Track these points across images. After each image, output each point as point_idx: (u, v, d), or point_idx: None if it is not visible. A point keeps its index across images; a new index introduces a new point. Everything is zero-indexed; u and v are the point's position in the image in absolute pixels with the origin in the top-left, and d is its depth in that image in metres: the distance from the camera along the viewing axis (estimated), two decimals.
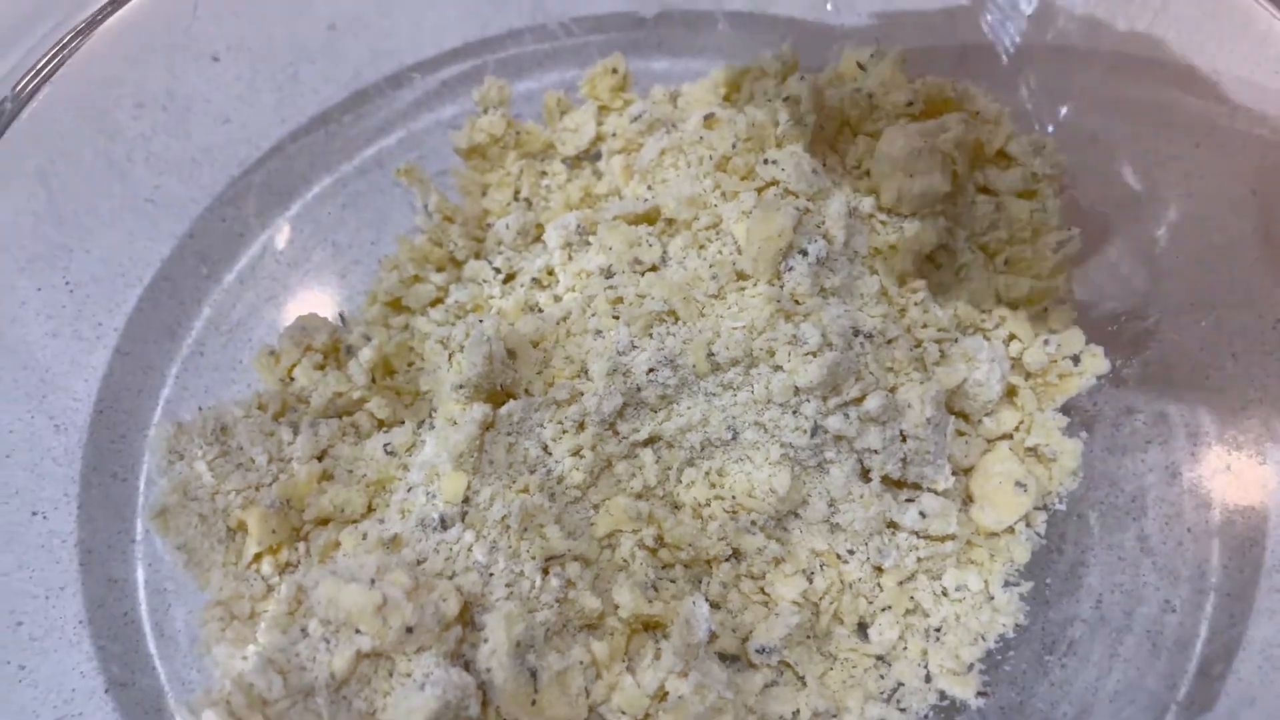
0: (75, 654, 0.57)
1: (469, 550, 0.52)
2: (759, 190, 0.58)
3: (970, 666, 0.55)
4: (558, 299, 0.63)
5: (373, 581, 0.48)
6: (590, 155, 0.73)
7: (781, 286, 0.56)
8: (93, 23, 0.65)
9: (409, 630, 0.47)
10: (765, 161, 0.58)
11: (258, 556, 0.54)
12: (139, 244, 0.75)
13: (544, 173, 0.71)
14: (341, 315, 0.68)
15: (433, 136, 0.82)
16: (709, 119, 0.65)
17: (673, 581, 0.55)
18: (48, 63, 0.63)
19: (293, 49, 0.84)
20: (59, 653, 0.57)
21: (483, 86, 0.75)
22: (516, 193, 0.69)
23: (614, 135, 0.70)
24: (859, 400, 0.55)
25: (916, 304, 0.59)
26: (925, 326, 0.59)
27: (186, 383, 0.68)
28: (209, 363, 0.70)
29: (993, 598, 0.56)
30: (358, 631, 0.47)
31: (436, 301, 0.66)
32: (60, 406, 0.66)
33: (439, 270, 0.67)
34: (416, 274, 0.66)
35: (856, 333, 0.57)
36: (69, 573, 0.59)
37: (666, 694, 0.50)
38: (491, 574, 0.52)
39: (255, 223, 0.77)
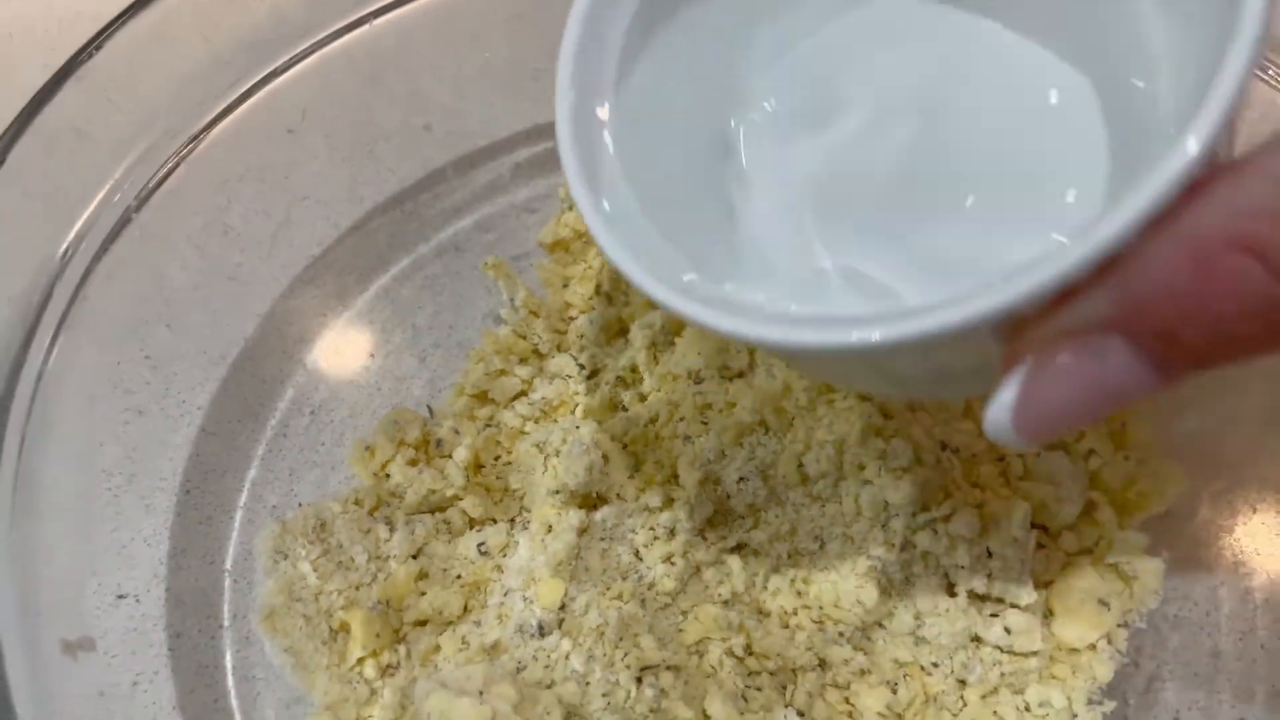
0: None
1: (567, 658, 0.53)
2: None
3: None
4: (643, 398, 0.64)
5: (481, 693, 0.49)
6: None
7: (871, 401, 0.58)
8: (210, 125, 0.67)
9: None
10: None
11: (360, 660, 0.55)
12: (221, 322, 0.76)
13: None
14: (430, 408, 0.69)
15: (508, 219, 0.84)
16: None
17: (759, 690, 0.56)
18: (167, 169, 0.65)
19: (368, 126, 0.86)
20: None
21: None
22: (598, 286, 0.71)
23: None
24: (947, 518, 0.56)
25: None
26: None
27: (271, 465, 0.70)
28: (292, 444, 0.71)
29: (1075, 715, 0.57)
30: None
31: (520, 394, 0.67)
32: (149, 486, 0.68)
33: (523, 362, 0.68)
34: (502, 368, 0.67)
35: (944, 447, 0.58)
36: (160, 658, 0.60)
37: None
38: (589, 683, 0.53)
39: (336, 303, 0.79)
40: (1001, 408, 0.33)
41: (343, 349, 0.76)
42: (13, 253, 0.54)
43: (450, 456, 0.62)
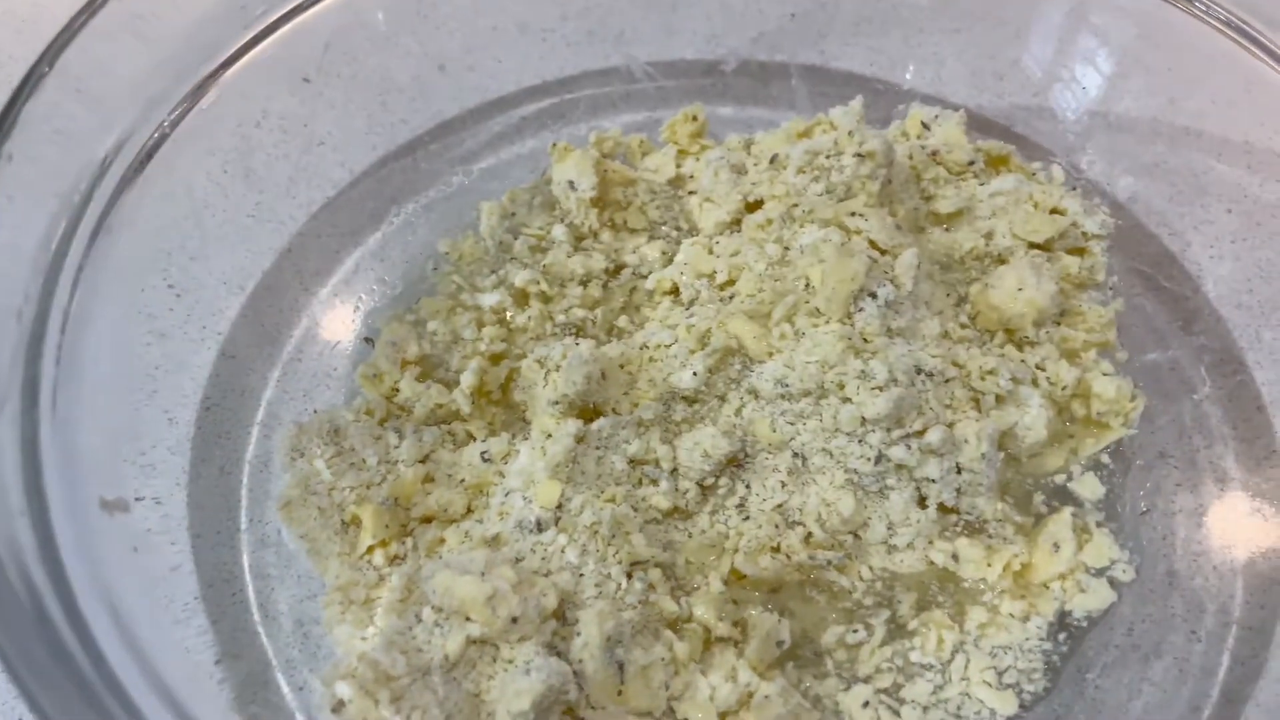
0: (185, 630, 0.62)
1: (562, 551, 0.58)
2: (843, 234, 0.64)
3: (1011, 686, 0.59)
4: (641, 325, 0.69)
5: (483, 574, 0.53)
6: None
7: (852, 326, 0.62)
8: (232, 59, 0.71)
9: (514, 620, 0.52)
10: (853, 214, 0.64)
11: (370, 549, 0.59)
12: (240, 256, 0.80)
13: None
14: (368, 339, 0.73)
15: (514, 168, 0.88)
16: (775, 160, 0.71)
17: (743, 591, 0.60)
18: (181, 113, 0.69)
19: (382, 79, 0.90)
20: (168, 629, 0.61)
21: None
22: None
23: (691, 177, 0.76)
24: (920, 433, 0.60)
25: (974, 349, 0.65)
26: (983, 375, 0.64)
27: (286, 386, 0.74)
28: (306, 369, 0.75)
29: (1030, 620, 0.61)
30: (468, 619, 0.52)
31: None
32: (171, 401, 0.71)
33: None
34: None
35: (919, 371, 0.62)
36: (183, 554, 0.64)
37: (752, 694, 0.55)
38: (582, 574, 0.57)
39: (349, 241, 0.83)
40: None
41: (355, 283, 0.80)
42: (61, 153, 0.58)
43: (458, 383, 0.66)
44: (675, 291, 0.69)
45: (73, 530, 0.49)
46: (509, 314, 0.70)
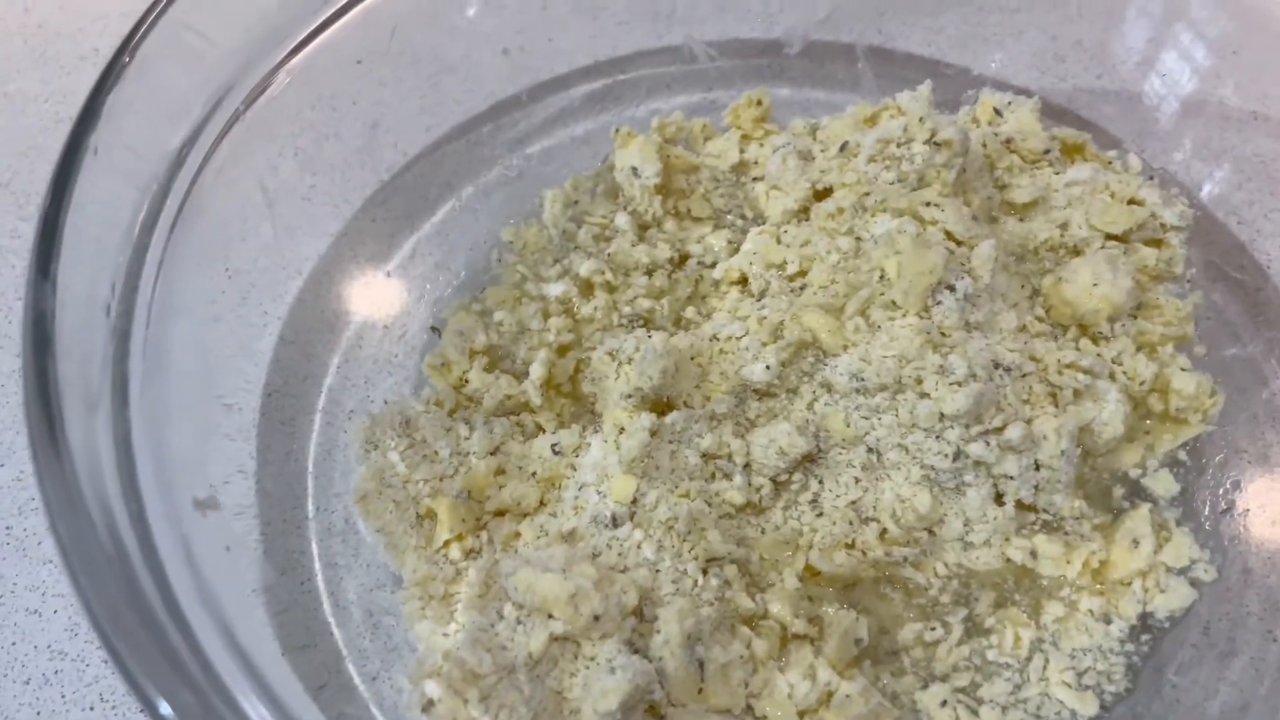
0: (258, 619, 0.62)
1: (638, 547, 0.57)
2: (919, 224, 0.62)
3: (1091, 687, 0.59)
4: (708, 315, 0.68)
5: (564, 572, 0.53)
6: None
7: (930, 319, 0.61)
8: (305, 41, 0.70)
9: (596, 618, 0.52)
10: (928, 204, 0.63)
11: (447, 543, 0.59)
12: (296, 239, 0.80)
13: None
14: (434, 328, 0.73)
15: (567, 150, 0.87)
16: (845, 148, 0.70)
17: (818, 587, 0.60)
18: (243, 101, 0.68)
19: (433, 60, 0.89)
20: (249, 617, 0.61)
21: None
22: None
23: (755, 163, 0.75)
24: (1000, 429, 0.59)
25: (1050, 342, 0.64)
26: (1061, 369, 0.63)
27: (348, 373, 0.73)
28: (367, 355, 0.74)
29: (1111, 621, 0.60)
30: (550, 616, 0.52)
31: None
32: (230, 386, 0.71)
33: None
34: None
35: (997, 366, 0.61)
36: (253, 541, 0.64)
37: (832, 693, 0.55)
38: (659, 570, 0.57)
39: (404, 225, 0.82)
40: None
41: (412, 268, 0.79)
42: (140, 144, 0.57)
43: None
44: (743, 282, 0.68)
45: (169, 530, 0.49)
46: (575, 304, 0.69)
